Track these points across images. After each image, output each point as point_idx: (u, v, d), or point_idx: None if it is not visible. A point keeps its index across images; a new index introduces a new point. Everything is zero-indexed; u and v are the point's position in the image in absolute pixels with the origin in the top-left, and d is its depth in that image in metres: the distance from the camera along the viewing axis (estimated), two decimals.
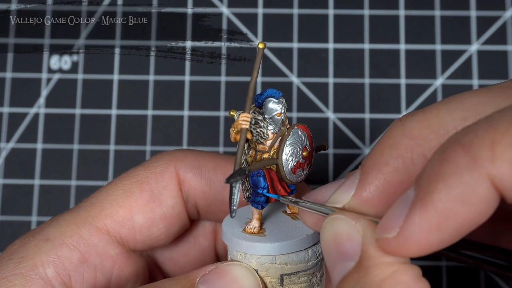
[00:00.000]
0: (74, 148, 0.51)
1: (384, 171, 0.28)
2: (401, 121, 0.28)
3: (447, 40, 0.52)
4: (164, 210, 0.37)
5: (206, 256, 0.41)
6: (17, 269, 0.34)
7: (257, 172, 0.33)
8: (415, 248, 0.25)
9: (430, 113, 0.28)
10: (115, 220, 0.37)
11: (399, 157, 0.28)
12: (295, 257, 0.32)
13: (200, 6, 0.53)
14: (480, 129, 0.24)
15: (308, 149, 0.33)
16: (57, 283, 0.35)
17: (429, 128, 0.27)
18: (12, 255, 0.35)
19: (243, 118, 0.31)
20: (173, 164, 0.38)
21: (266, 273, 0.32)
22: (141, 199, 0.37)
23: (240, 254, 0.33)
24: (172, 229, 0.38)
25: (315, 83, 0.52)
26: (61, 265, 0.35)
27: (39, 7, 0.53)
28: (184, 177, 0.38)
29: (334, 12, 0.53)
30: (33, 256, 0.35)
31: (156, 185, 0.37)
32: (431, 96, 0.51)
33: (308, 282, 0.33)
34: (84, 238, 0.36)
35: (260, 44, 0.31)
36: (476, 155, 0.23)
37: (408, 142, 0.28)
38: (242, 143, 0.31)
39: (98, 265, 0.36)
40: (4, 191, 0.51)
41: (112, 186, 0.38)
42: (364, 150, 0.51)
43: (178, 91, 0.52)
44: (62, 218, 0.37)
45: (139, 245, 0.38)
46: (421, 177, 0.25)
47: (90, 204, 0.37)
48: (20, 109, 0.52)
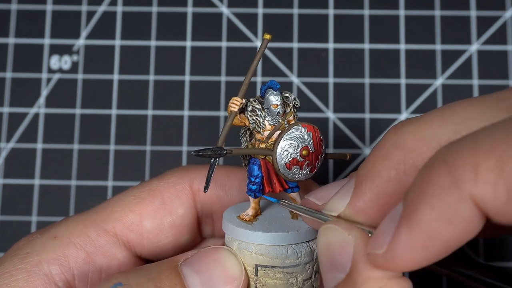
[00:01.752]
0: (74, 148, 0.51)
1: (377, 182, 0.29)
2: (395, 130, 0.29)
3: (447, 40, 0.52)
4: (173, 219, 0.38)
5: None
6: (21, 264, 0.34)
7: (254, 160, 0.33)
8: (402, 265, 0.25)
9: (423, 124, 0.28)
10: (124, 223, 0.37)
11: (392, 168, 0.28)
12: (272, 250, 0.32)
13: (200, 6, 0.53)
14: (464, 148, 0.24)
15: (311, 149, 0.34)
16: (60, 280, 0.35)
17: (421, 140, 0.28)
18: (18, 250, 0.35)
19: (232, 101, 0.32)
20: (187, 176, 0.38)
21: (244, 260, 0.33)
22: (151, 206, 0.37)
23: (228, 238, 0.34)
24: (181, 239, 0.38)
25: (315, 83, 0.52)
26: (66, 263, 0.35)
27: (39, 7, 0.53)
28: (199, 187, 0.38)
29: (334, 12, 0.53)
30: (38, 253, 0.35)
31: (168, 194, 0.38)
32: (431, 96, 0.51)
33: (285, 280, 0.33)
34: (91, 238, 0.36)
35: (266, 35, 0.32)
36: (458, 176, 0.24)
37: (400, 154, 0.28)
38: (228, 124, 0.33)
39: (104, 267, 0.36)
40: (4, 191, 0.51)
41: (125, 193, 0.38)
42: (364, 150, 0.51)
43: (178, 91, 0.52)
44: (72, 219, 0.37)
45: (146, 252, 0.38)
46: (408, 193, 0.25)
47: (101, 207, 0.38)
48: (20, 109, 0.52)
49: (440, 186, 0.24)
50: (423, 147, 0.28)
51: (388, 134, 0.29)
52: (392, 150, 0.28)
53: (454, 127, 0.27)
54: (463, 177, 0.23)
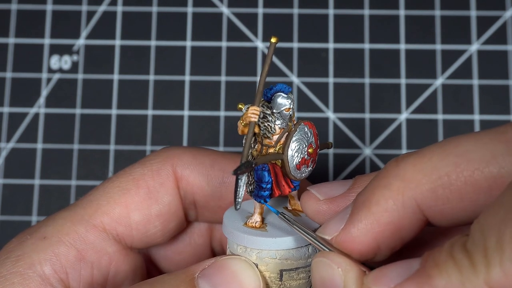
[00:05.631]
0: (74, 148, 0.51)
1: (374, 210, 0.29)
2: (397, 161, 0.29)
3: (447, 40, 0.52)
4: (160, 207, 0.38)
5: (201, 254, 0.41)
6: (14, 267, 0.34)
7: (262, 167, 0.33)
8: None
9: (424, 157, 0.28)
10: (112, 217, 0.37)
11: (390, 198, 0.28)
12: (295, 253, 0.32)
13: (200, 6, 0.53)
14: (490, 247, 0.24)
15: (314, 146, 0.34)
16: (54, 280, 0.35)
17: (421, 172, 0.28)
18: (9, 253, 0.35)
19: (252, 111, 0.31)
20: (170, 161, 0.38)
21: (266, 268, 0.32)
22: (137, 196, 0.37)
23: (240, 247, 0.33)
24: (168, 226, 0.38)
25: (315, 83, 0.52)
26: (58, 262, 0.35)
27: (39, 7, 0.53)
28: (181, 174, 0.38)
29: (334, 12, 0.53)
30: (30, 254, 0.35)
31: (153, 182, 0.37)
32: (431, 96, 0.51)
33: (307, 279, 0.33)
34: (80, 235, 0.36)
35: (272, 39, 0.31)
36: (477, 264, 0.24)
37: (400, 184, 0.28)
38: (250, 136, 0.31)
39: (95, 262, 0.36)
40: (4, 191, 0.51)
41: (109, 183, 0.38)
42: (364, 150, 0.51)
43: (178, 91, 0.52)
44: (58, 216, 0.37)
45: (136, 243, 0.38)
46: (426, 258, 0.26)
47: (87, 201, 0.37)
48: (20, 109, 0.52)
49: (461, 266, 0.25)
50: (422, 179, 0.28)
51: (389, 165, 0.29)
52: (393, 179, 0.29)
53: (454, 160, 0.27)
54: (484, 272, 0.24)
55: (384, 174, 0.29)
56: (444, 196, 0.28)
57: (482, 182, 0.27)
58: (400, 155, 0.30)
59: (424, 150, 0.29)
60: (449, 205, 0.28)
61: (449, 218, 0.29)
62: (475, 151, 0.27)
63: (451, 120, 0.51)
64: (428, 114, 0.51)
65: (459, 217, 0.28)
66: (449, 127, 0.51)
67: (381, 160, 0.50)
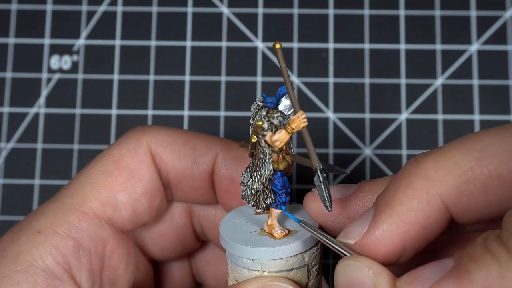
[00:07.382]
0: (74, 148, 0.51)
1: (398, 210, 0.28)
2: (416, 161, 0.29)
3: (447, 40, 0.52)
4: (144, 185, 0.38)
5: (184, 234, 0.41)
6: (16, 266, 0.34)
7: (282, 173, 0.32)
8: None
9: (445, 153, 0.28)
10: (100, 201, 0.37)
11: (414, 197, 0.28)
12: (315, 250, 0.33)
13: (200, 6, 0.53)
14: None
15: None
16: (59, 272, 0.35)
17: (444, 169, 0.28)
18: (5, 252, 0.35)
19: (303, 117, 0.31)
20: (145, 139, 0.38)
21: (316, 275, 0.33)
22: (120, 178, 0.37)
23: (287, 262, 0.32)
24: (154, 203, 0.39)
25: (315, 83, 0.52)
26: (59, 254, 0.35)
27: (39, 7, 0.53)
28: (155, 151, 0.38)
29: (334, 12, 0.53)
30: (28, 251, 0.35)
31: (133, 162, 0.38)
32: (431, 96, 0.51)
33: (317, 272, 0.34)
34: (74, 224, 0.36)
35: (276, 44, 0.31)
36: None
37: (423, 183, 0.28)
38: (310, 139, 0.31)
39: (92, 249, 0.36)
40: (4, 191, 0.51)
41: (90, 169, 0.38)
42: (364, 150, 0.51)
43: (178, 91, 0.52)
44: (47, 209, 0.37)
45: (126, 224, 0.38)
46: (460, 255, 0.25)
47: (73, 190, 0.37)
48: (20, 109, 0.52)
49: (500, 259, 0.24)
50: (446, 176, 0.28)
51: (409, 165, 0.29)
52: (415, 178, 0.28)
53: (476, 155, 0.27)
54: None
55: (405, 174, 0.29)
56: (469, 192, 0.27)
57: (507, 175, 0.27)
58: (418, 154, 0.29)
59: (445, 147, 0.28)
60: (474, 200, 0.28)
61: (474, 214, 0.28)
62: (497, 144, 0.27)
63: (451, 120, 0.51)
64: (428, 114, 0.51)
65: (484, 212, 0.28)
66: (449, 127, 0.51)
67: (381, 160, 0.50)
